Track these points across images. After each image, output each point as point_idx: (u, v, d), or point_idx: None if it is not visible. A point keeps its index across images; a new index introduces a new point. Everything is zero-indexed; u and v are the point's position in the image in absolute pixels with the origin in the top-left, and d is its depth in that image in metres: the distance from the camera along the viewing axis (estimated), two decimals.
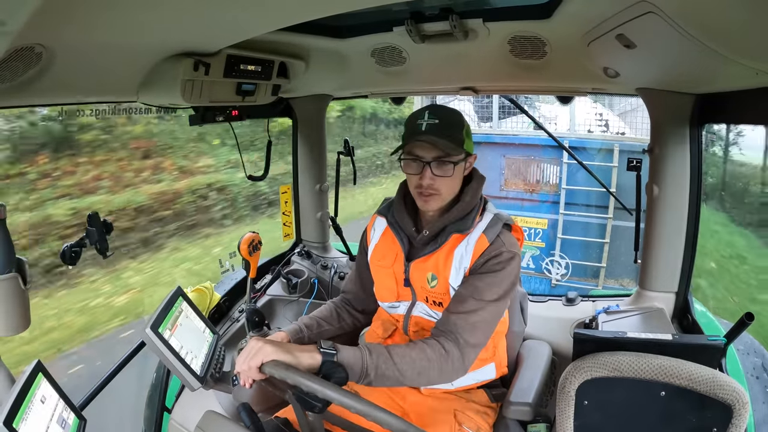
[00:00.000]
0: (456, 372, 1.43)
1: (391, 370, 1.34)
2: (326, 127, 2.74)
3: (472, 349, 1.45)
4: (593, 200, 6.20)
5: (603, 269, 6.24)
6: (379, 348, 1.37)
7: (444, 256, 1.56)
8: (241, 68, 1.78)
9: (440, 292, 1.58)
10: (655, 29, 1.20)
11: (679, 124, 1.82)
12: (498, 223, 1.55)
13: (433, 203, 1.53)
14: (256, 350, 1.26)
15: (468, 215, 1.55)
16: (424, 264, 1.59)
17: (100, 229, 1.61)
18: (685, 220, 1.91)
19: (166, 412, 2.05)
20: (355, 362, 1.31)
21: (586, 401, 1.47)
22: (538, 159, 6.54)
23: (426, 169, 1.49)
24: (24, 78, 1.23)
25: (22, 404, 1.09)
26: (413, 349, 1.39)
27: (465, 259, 1.53)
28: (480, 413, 1.67)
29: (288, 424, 1.49)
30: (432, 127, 1.47)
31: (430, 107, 1.53)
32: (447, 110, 1.55)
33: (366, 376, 1.32)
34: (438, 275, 1.57)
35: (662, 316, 1.90)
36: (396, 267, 1.65)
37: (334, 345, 1.32)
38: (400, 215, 1.65)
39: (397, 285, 1.66)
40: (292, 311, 2.53)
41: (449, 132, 1.48)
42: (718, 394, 1.34)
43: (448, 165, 1.49)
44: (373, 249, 1.73)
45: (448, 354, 1.40)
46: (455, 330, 1.44)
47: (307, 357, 1.27)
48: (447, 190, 1.53)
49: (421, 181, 1.50)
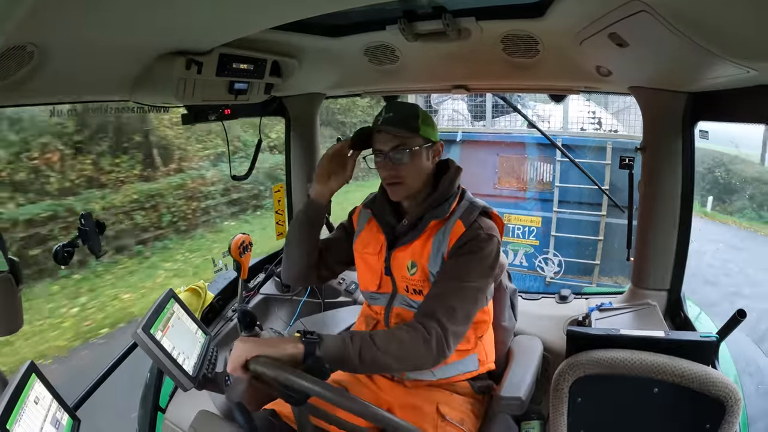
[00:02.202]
0: (439, 354, 1.44)
1: (375, 355, 1.35)
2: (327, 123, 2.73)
3: (454, 330, 1.46)
4: (586, 198, 6.20)
5: (597, 267, 6.24)
6: (362, 334, 1.38)
7: (423, 242, 1.61)
8: (233, 67, 1.78)
9: (419, 279, 1.61)
10: (648, 28, 1.21)
11: (671, 122, 1.83)
12: (475, 210, 1.62)
13: (400, 191, 1.62)
14: (240, 349, 1.26)
15: (445, 202, 1.63)
16: (404, 252, 1.64)
17: (93, 228, 1.60)
18: (678, 217, 1.92)
19: (159, 411, 2.04)
20: (337, 350, 1.32)
21: (579, 398, 1.48)
22: (531, 157, 6.53)
23: (387, 159, 1.59)
24: (16, 77, 1.22)
25: (16, 405, 1.08)
26: (395, 333, 1.42)
27: (443, 244, 1.58)
28: (464, 405, 1.68)
29: (275, 415, 1.54)
30: (387, 119, 1.58)
31: (388, 104, 1.65)
32: (403, 104, 1.72)
33: (350, 362, 1.33)
34: (417, 262, 1.61)
35: (655, 314, 1.91)
36: (380, 256, 1.69)
37: (317, 333, 1.33)
38: (382, 207, 1.72)
39: (380, 273, 1.70)
40: (286, 310, 2.53)
41: (403, 122, 1.58)
42: (710, 391, 1.35)
43: (405, 152, 1.57)
44: (357, 237, 1.79)
45: (431, 336, 1.41)
46: (436, 313, 1.45)
47: (290, 347, 1.27)
48: (411, 177, 1.60)
49: (385, 173, 1.60)
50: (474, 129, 6.95)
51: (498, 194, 6.58)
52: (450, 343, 1.45)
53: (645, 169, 1.96)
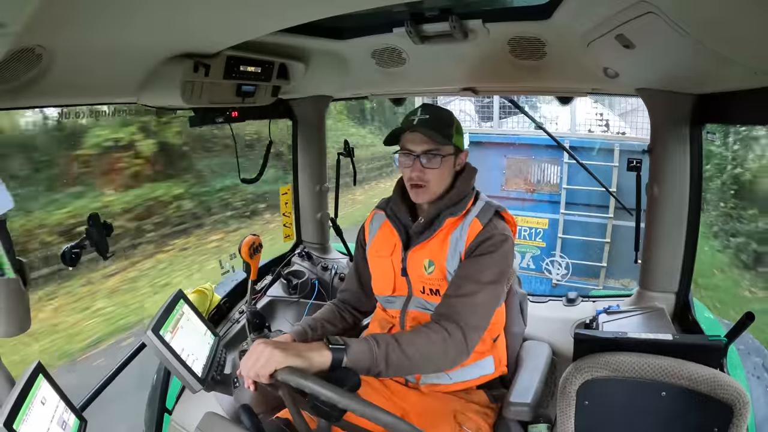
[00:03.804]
0: (460, 354, 1.44)
1: (401, 357, 1.33)
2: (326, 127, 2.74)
3: (474, 330, 1.47)
4: (594, 200, 6.19)
5: (603, 269, 6.23)
6: (386, 337, 1.36)
7: (440, 241, 1.61)
8: (241, 70, 1.79)
9: (437, 278, 1.61)
10: (655, 29, 1.20)
11: (678, 124, 1.82)
12: (490, 209, 1.63)
13: (424, 195, 1.62)
14: (266, 357, 1.20)
15: (461, 201, 1.64)
16: (421, 251, 1.64)
17: (101, 230, 1.60)
18: (685, 220, 1.91)
19: (166, 413, 2.05)
20: (364, 355, 1.29)
21: (586, 401, 1.47)
22: (538, 159, 6.53)
23: (416, 161, 1.59)
24: (24, 79, 1.23)
25: (23, 405, 1.08)
26: (418, 334, 1.41)
27: (460, 242, 1.58)
28: (480, 414, 1.66)
29: (289, 425, 1.49)
30: (423, 121, 1.58)
31: (423, 105, 1.64)
32: (439, 108, 1.67)
33: (376, 366, 1.30)
34: (435, 261, 1.61)
35: (663, 316, 1.90)
36: (394, 257, 1.69)
37: (343, 339, 1.30)
38: (398, 207, 1.72)
39: (394, 276, 1.69)
40: (293, 312, 2.53)
41: (438, 127, 1.58)
42: (719, 394, 1.34)
43: (436, 157, 1.58)
44: (371, 242, 1.78)
45: (452, 336, 1.41)
46: (456, 313, 1.46)
47: (317, 356, 1.23)
48: (436, 182, 1.61)
49: (412, 174, 1.60)
50: (481, 130, 6.97)
51: (505, 196, 6.58)
52: (471, 342, 1.46)
53: (653, 171, 1.94)
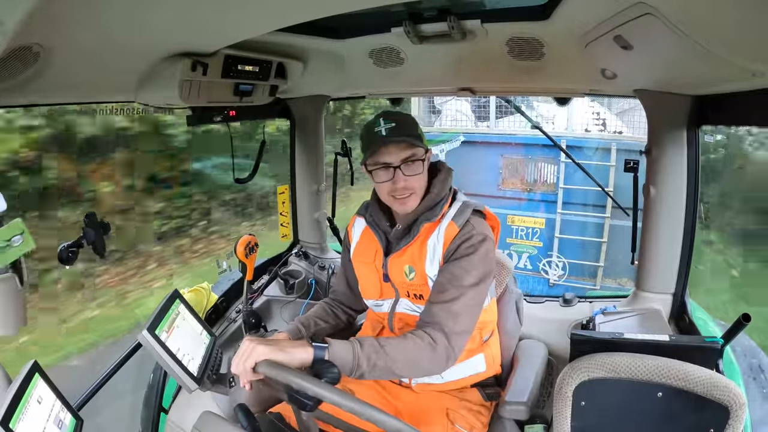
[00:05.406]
0: (446, 360, 1.44)
1: (383, 360, 1.34)
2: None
3: (459, 336, 1.47)
4: (591, 200, 6.20)
5: (601, 269, 6.24)
6: (370, 340, 1.37)
7: (418, 247, 1.60)
8: (238, 69, 1.78)
9: (419, 284, 1.61)
10: (653, 31, 1.20)
11: (676, 125, 1.83)
12: (466, 210, 1.60)
13: (411, 203, 1.58)
14: (249, 351, 1.25)
15: (437, 205, 1.60)
16: (400, 258, 1.62)
17: (98, 228, 1.60)
18: (683, 221, 1.91)
19: (163, 412, 2.04)
20: (346, 354, 1.31)
21: (583, 402, 1.47)
22: (535, 158, 6.54)
23: (397, 172, 1.53)
24: (22, 78, 1.22)
25: (19, 405, 1.08)
26: (403, 340, 1.41)
27: (437, 247, 1.57)
28: (473, 412, 1.67)
29: (281, 419, 1.53)
30: (391, 130, 1.51)
31: (382, 113, 1.57)
32: (399, 113, 1.62)
33: (358, 368, 1.32)
34: (414, 267, 1.60)
35: (659, 317, 1.90)
36: (377, 263, 1.69)
37: (328, 339, 1.33)
38: (376, 213, 1.70)
39: (379, 281, 1.69)
40: (289, 312, 2.53)
41: (409, 131, 1.54)
42: (715, 395, 1.34)
43: (416, 163, 1.54)
44: (354, 247, 1.78)
45: (437, 343, 1.41)
46: (439, 320, 1.45)
47: (300, 351, 1.27)
48: (420, 186, 1.58)
49: (396, 185, 1.54)
50: (478, 129, 6.96)
51: (502, 195, 6.58)
52: (456, 349, 1.45)
53: (650, 172, 1.95)
